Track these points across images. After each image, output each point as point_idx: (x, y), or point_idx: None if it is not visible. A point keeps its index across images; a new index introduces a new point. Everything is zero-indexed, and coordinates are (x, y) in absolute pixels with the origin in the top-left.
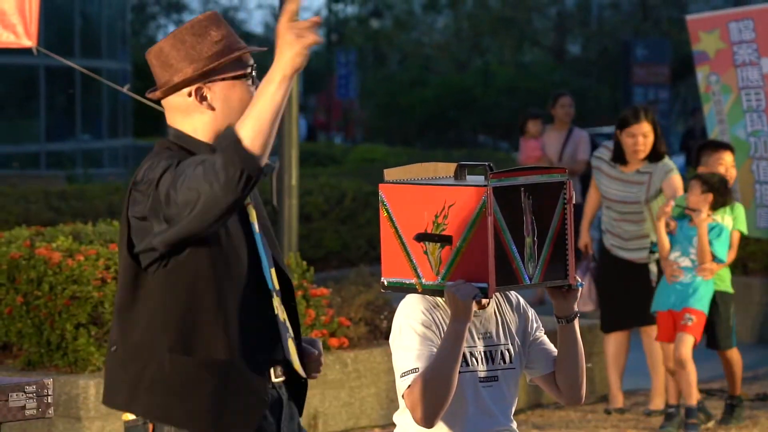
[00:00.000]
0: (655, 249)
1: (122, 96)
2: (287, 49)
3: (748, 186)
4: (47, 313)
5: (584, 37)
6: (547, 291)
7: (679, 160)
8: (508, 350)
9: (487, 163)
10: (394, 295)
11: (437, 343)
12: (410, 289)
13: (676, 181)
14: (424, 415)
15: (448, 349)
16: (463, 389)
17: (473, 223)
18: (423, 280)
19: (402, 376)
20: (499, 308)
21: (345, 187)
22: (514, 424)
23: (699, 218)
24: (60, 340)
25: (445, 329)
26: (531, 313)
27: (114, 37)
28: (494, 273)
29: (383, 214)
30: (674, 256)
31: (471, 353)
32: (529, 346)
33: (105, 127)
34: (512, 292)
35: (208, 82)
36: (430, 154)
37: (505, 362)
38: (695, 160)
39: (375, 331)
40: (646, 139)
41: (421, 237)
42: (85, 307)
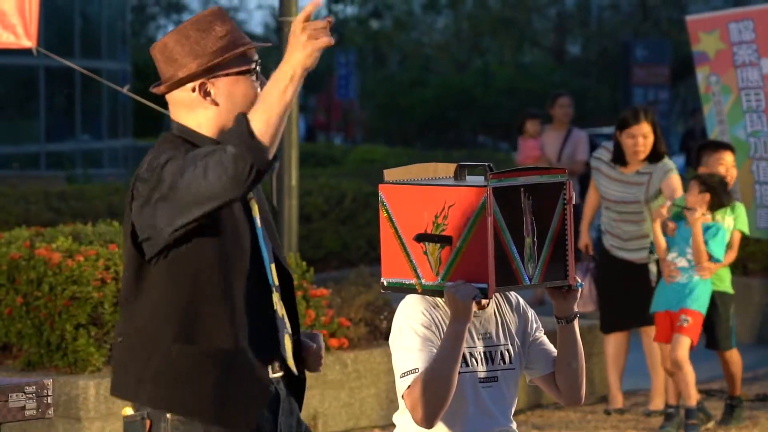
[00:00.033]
0: (654, 249)
1: (122, 96)
2: (299, 49)
3: (748, 186)
4: (47, 314)
5: (584, 37)
6: (547, 291)
7: (679, 160)
8: (507, 351)
9: (486, 164)
10: (394, 295)
11: (437, 343)
12: (410, 289)
13: (675, 181)
14: (423, 416)
15: (447, 350)
16: (462, 390)
17: (473, 224)
18: (423, 281)
19: (402, 377)
20: (499, 309)
21: (345, 187)
22: (514, 425)
23: (693, 217)
24: (60, 341)
25: (444, 330)
26: (531, 313)
27: (114, 38)
28: (494, 273)
29: (383, 215)
30: (672, 256)
31: (471, 354)
32: (528, 347)
33: (105, 127)
34: (512, 293)
35: (212, 77)
36: (429, 154)
37: (504, 363)
38: (696, 160)
39: (375, 331)
40: (646, 140)
41: (421, 237)
42: (85, 307)
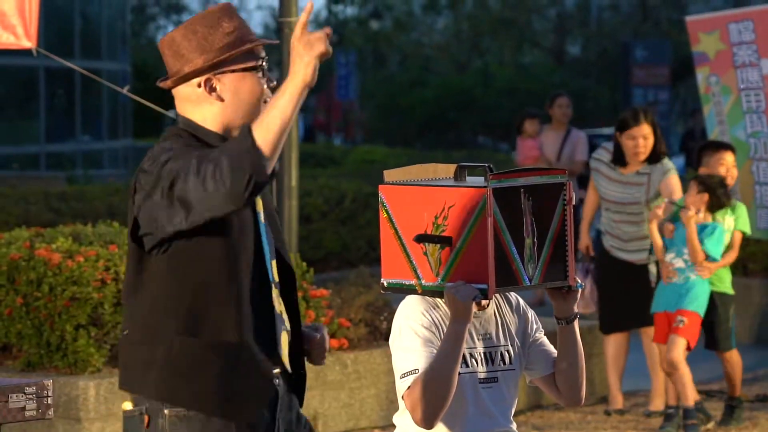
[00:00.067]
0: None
1: (122, 97)
2: (298, 61)
3: (748, 187)
4: (47, 314)
5: (584, 38)
6: (547, 292)
7: (679, 161)
8: (507, 351)
9: (486, 165)
10: (394, 296)
11: (437, 344)
12: (410, 290)
13: (673, 181)
14: (423, 416)
15: (447, 350)
16: (462, 390)
17: (473, 224)
18: (423, 281)
19: (402, 377)
20: (499, 309)
21: (345, 188)
22: (514, 425)
23: (686, 216)
24: (60, 341)
25: (444, 330)
26: (531, 314)
27: (114, 38)
28: (494, 274)
29: (383, 215)
30: (669, 257)
31: (471, 354)
32: (528, 348)
33: (105, 128)
34: (512, 294)
35: (218, 73)
36: (429, 155)
37: (504, 363)
38: (697, 161)
39: (375, 332)
40: (647, 141)
41: (421, 238)
42: (85, 308)
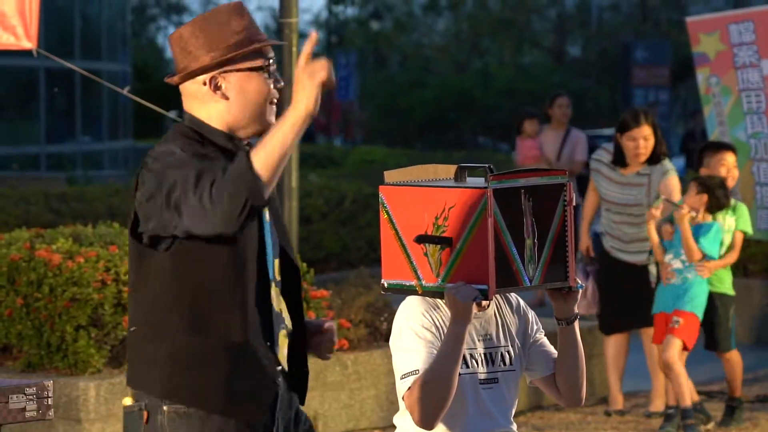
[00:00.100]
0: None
1: (122, 98)
2: (301, 91)
3: (748, 188)
4: (47, 315)
5: (584, 38)
6: (547, 293)
7: (679, 162)
8: (508, 352)
9: (487, 165)
10: (394, 296)
11: (437, 344)
12: (410, 290)
13: (673, 182)
14: (424, 417)
15: (448, 351)
16: (463, 391)
17: (473, 225)
18: (423, 282)
19: (402, 378)
20: (499, 310)
21: (345, 188)
22: (514, 426)
23: (679, 214)
24: (60, 342)
25: (445, 331)
26: (531, 315)
27: (114, 39)
28: (494, 275)
29: (383, 216)
30: (668, 258)
31: (471, 355)
32: (529, 348)
33: (105, 128)
34: (512, 294)
35: (224, 72)
36: (429, 155)
37: (505, 364)
38: (698, 161)
39: (375, 332)
40: (647, 143)
41: (422, 239)
42: (85, 309)
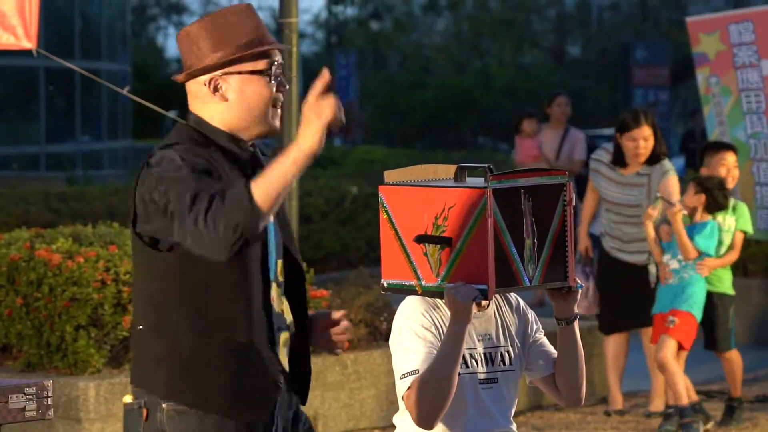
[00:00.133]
0: None
1: (122, 98)
2: (306, 129)
3: (748, 188)
4: (47, 315)
5: (584, 38)
6: (547, 293)
7: (679, 162)
8: (508, 352)
9: (487, 165)
10: (394, 296)
11: (437, 344)
12: (410, 290)
13: (672, 182)
14: (423, 417)
15: (447, 351)
16: (462, 391)
17: (473, 225)
18: (423, 282)
19: (402, 378)
20: (499, 310)
21: (345, 188)
22: (514, 426)
23: (671, 211)
24: (60, 342)
25: (444, 331)
26: (531, 314)
27: (114, 39)
28: (494, 275)
29: (383, 216)
30: (666, 258)
31: (471, 355)
32: (528, 348)
33: (105, 128)
34: (512, 294)
35: (225, 74)
36: (429, 155)
37: (504, 364)
38: (699, 161)
39: (375, 332)
40: (647, 143)
41: (421, 239)
42: (85, 308)
